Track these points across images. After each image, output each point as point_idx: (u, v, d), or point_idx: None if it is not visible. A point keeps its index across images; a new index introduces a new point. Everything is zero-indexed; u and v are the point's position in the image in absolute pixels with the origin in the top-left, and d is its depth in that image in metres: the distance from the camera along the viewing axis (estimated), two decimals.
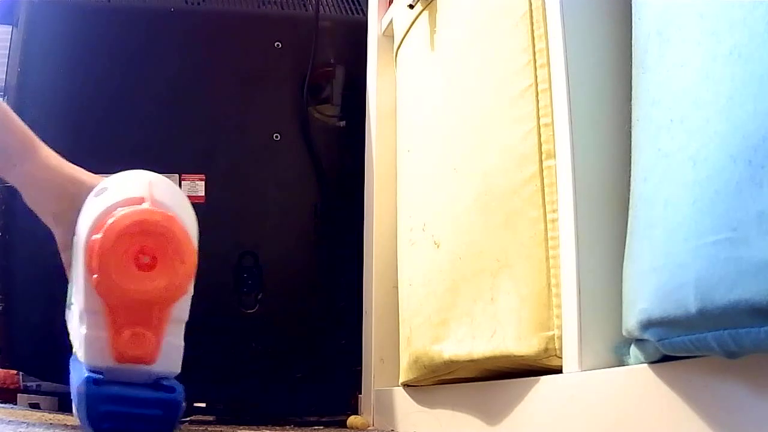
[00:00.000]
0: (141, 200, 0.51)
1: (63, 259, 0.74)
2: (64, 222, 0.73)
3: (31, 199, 0.75)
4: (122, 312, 0.49)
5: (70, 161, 0.78)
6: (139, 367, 0.51)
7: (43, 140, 0.78)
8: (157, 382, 0.51)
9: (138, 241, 0.47)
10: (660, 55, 0.57)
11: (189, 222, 0.52)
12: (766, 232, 0.43)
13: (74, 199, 0.74)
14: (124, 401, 0.50)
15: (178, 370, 0.52)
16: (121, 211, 0.48)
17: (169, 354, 0.51)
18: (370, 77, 1.22)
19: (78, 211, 0.73)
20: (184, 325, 0.52)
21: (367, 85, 1.23)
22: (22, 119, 0.77)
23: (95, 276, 0.48)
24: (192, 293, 0.52)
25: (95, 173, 0.80)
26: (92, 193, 0.53)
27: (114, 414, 0.50)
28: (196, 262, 0.50)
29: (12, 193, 0.77)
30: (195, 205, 0.66)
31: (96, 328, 0.50)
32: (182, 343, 0.52)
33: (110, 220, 0.48)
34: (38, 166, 0.75)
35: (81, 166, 0.78)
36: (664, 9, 0.57)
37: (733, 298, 0.46)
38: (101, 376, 0.49)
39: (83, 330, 0.50)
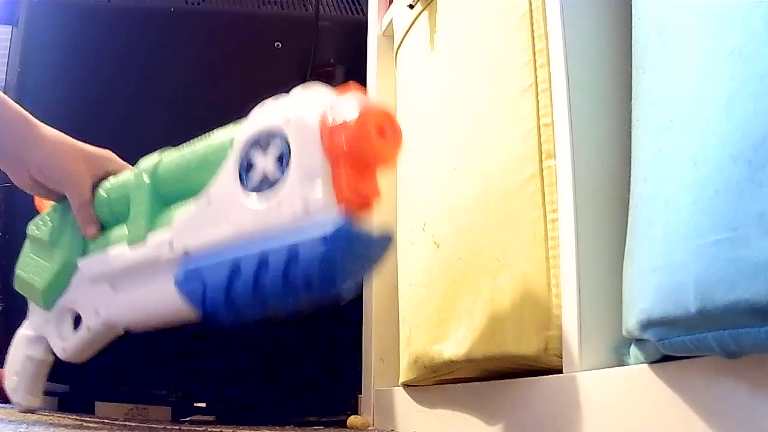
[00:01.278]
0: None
1: (80, 217, 0.82)
2: (77, 185, 0.82)
3: (40, 168, 0.82)
4: (366, 165, 0.63)
5: None
6: (357, 215, 0.63)
7: None
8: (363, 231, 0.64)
9: (378, 119, 0.62)
10: (660, 55, 0.57)
11: None
12: (766, 232, 0.43)
13: (90, 162, 0.84)
14: (369, 244, 0.63)
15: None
16: (359, 102, 0.62)
17: None
18: (370, 77, 1.22)
19: (93, 175, 0.83)
20: None
21: (367, 85, 1.23)
22: None
23: (346, 137, 0.61)
24: None
25: None
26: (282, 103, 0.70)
27: (360, 255, 0.62)
28: None
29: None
30: None
31: (328, 185, 0.62)
32: None
33: (354, 107, 0.62)
34: (43, 137, 0.82)
35: None
36: (664, 9, 0.57)
37: (733, 298, 0.46)
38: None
39: (317, 191, 0.62)
